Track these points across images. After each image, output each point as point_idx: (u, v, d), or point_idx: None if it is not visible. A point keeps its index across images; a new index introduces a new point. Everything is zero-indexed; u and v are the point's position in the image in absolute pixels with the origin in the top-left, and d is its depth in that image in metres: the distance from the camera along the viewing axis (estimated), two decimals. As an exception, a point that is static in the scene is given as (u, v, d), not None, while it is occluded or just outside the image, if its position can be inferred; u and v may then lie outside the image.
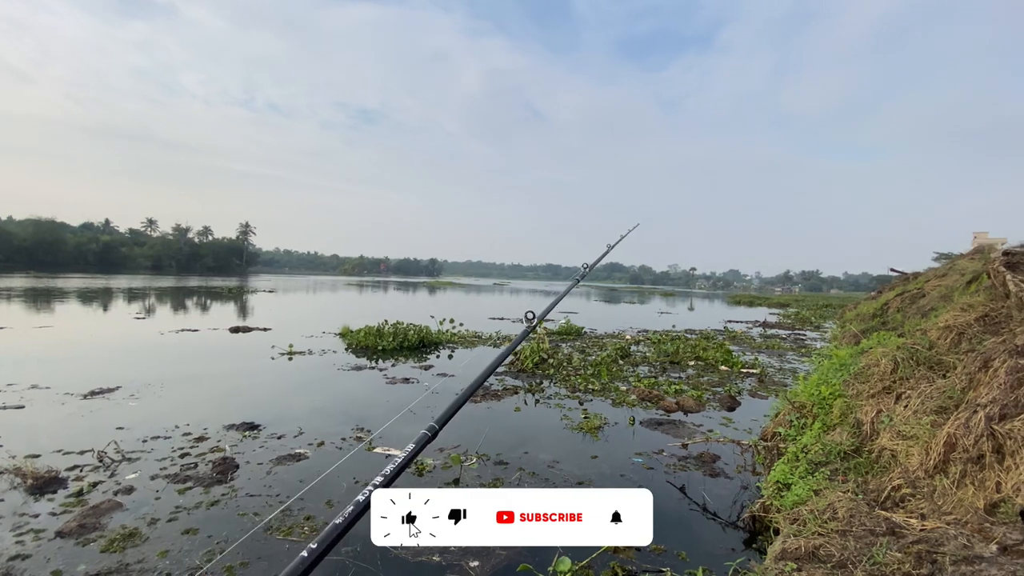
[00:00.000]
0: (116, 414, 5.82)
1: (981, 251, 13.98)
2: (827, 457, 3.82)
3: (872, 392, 4.40)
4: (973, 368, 3.57)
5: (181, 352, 10.47)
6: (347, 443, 5.08)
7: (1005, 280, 4.10)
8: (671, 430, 5.91)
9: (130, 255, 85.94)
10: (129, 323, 15.30)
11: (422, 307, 25.77)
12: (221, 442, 5.00)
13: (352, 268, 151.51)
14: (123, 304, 22.12)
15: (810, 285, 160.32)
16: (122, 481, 4.06)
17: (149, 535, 3.28)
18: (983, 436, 2.85)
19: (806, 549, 2.66)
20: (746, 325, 21.40)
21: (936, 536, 2.44)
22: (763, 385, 8.57)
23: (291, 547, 3.19)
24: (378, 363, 9.70)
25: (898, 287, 16.46)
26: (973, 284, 6.74)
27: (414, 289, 52.90)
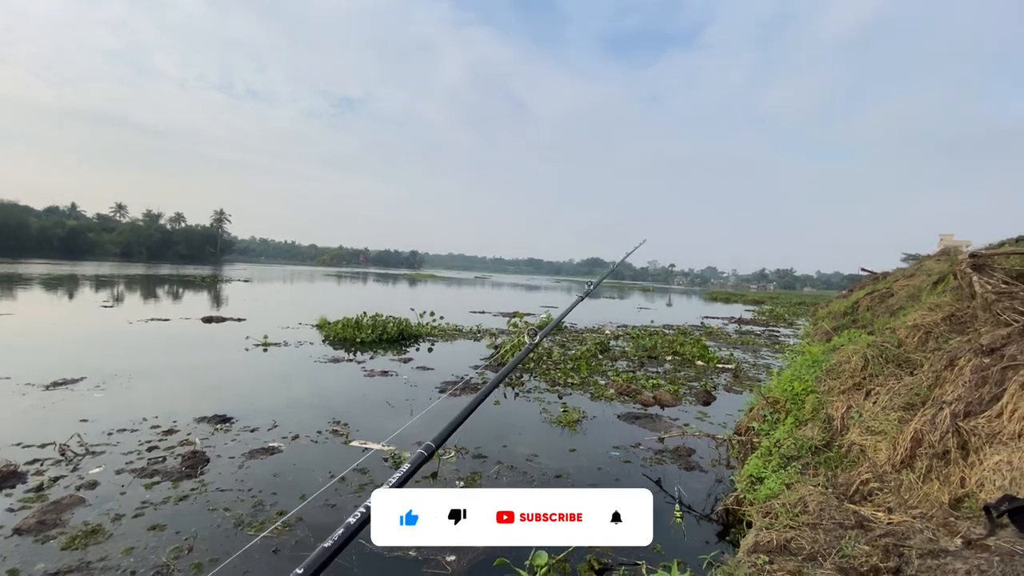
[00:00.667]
0: (80, 406, 5.61)
1: (947, 253, 14.45)
2: (799, 452, 3.90)
3: (843, 388, 4.51)
4: (939, 366, 3.68)
5: (150, 342, 10.16)
6: (323, 437, 5.00)
7: (971, 281, 4.23)
8: (648, 424, 5.97)
9: (98, 241, 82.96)
10: (96, 311, 14.78)
11: (402, 299, 25.56)
12: (191, 435, 4.86)
13: (330, 259, 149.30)
14: (90, 292, 21.37)
15: (784, 283, 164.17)
16: (85, 476, 3.92)
17: (113, 532, 3.17)
18: (948, 432, 2.94)
19: (778, 542, 2.71)
20: (722, 321, 21.78)
21: (903, 529, 2.51)
22: (738, 380, 8.73)
23: (263, 543, 3.12)
24: (356, 355, 9.57)
25: (868, 286, 16.94)
26: (940, 285, 6.96)
27: (394, 281, 52.40)
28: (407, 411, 6.06)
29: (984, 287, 3.98)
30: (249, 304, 19.71)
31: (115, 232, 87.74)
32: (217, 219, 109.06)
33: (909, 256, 25.89)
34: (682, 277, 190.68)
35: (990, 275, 4.15)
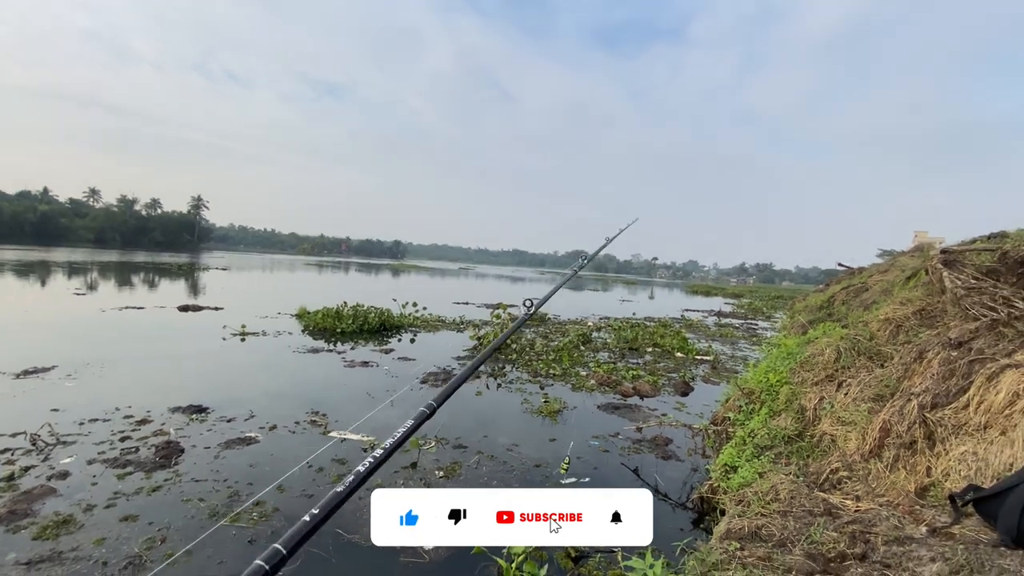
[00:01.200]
0: (51, 395, 5.47)
1: (921, 249, 14.84)
2: (772, 441, 3.98)
3: (816, 380, 4.61)
4: (909, 359, 3.78)
5: (124, 331, 9.93)
6: (301, 427, 4.95)
7: (942, 277, 4.35)
8: (627, 414, 6.04)
9: (70, 227, 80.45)
10: (68, 299, 14.38)
11: (384, 290, 25.36)
12: (165, 425, 4.77)
13: (311, 247, 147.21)
14: (62, 278, 20.77)
15: (764, 277, 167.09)
16: (56, 466, 3.82)
17: (85, 522, 3.10)
18: (916, 423, 3.03)
19: (749, 529, 2.77)
20: (702, 314, 22.09)
21: (870, 517, 2.59)
22: (716, 372, 8.87)
23: (238, 533, 3.08)
24: (336, 346, 9.48)
25: (844, 281, 17.32)
26: (912, 280, 7.15)
27: (376, 271, 51.94)
28: (387, 402, 6.03)
29: (954, 282, 4.09)
30: (227, 293, 19.36)
31: (88, 218, 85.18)
32: (195, 205, 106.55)
33: (884, 252, 26.52)
34: (664, 270, 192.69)
35: (960, 271, 4.27)
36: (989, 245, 5.18)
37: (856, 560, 2.34)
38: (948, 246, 5.35)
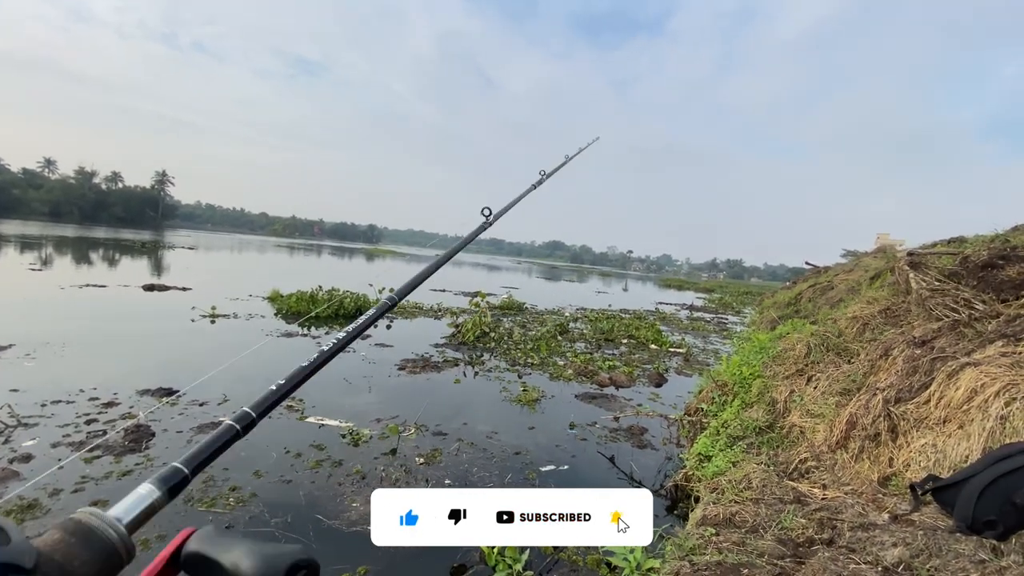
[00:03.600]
0: (9, 375, 5.21)
1: (883, 250, 15.46)
2: (744, 432, 4.13)
3: (787, 374, 4.79)
4: (875, 355, 3.96)
5: (86, 309, 9.52)
6: (277, 412, 4.85)
7: (908, 278, 4.55)
8: (604, 403, 6.15)
9: (23, 198, 76.21)
10: (23, 274, 13.68)
11: (360, 274, 24.98)
12: (134, 408, 4.63)
13: (283, 229, 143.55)
14: (14, 253, 19.75)
15: (733, 273, 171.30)
16: (18, 448, 3.67)
17: (51, 507, 3.00)
18: (880, 416, 3.19)
19: (724, 515, 2.88)
20: (675, 307, 22.53)
21: (836, 504, 2.72)
22: (688, 364, 9.09)
23: (214, 519, 3.03)
24: (311, 330, 9.32)
25: (811, 279, 17.92)
26: (877, 280, 7.45)
27: (351, 255, 51.06)
28: (365, 388, 5.98)
29: (920, 283, 4.29)
30: (194, 273, 18.72)
31: (43, 190, 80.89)
32: (159, 181, 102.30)
33: (848, 252, 27.48)
34: (639, 263, 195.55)
35: (925, 273, 4.47)
36: (950, 249, 5.44)
37: (824, 545, 2.46)
38: (914, 249, 5.59)
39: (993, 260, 4.33)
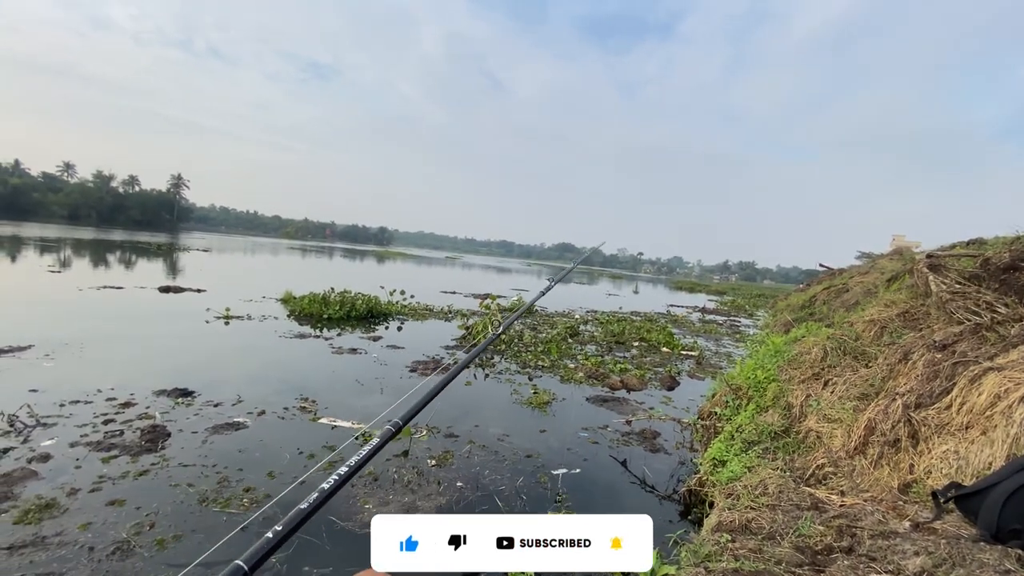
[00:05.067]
0: (29, 375, 5.31)
1: (899, 252, 15.22)
2: (760, 436, 4.07)
3: (803, 378, 4.71)
4: (894, 359, 3.88)
5: (103, 310, 9.68)
6: (290, 413, 4.90)
7: (928, 280, 4.46)
8: (615, 407, 6.11)
9: (43, 201, 77.76)
10: (42, 276, 13.94)
11: (371, 276, 25.13)
12: (150, 408, 4.69)
13: (295, 231, 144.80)
14: (34, 255, 20.14)
15: (746, 275, 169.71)
16: (37, 448, 3.73)
17: (69, 506, 3.04)
18: (900, 422, 3.12)
19: (740, 521, 2.83)
20: (687, 310, 22.37)
21: (855, 512, 2.66)
22: (700, 367, 9.01)
23: (228, 519, 3.06)
24: (323, 332, 9.39)
25: (825, 281, 17.69)
26: (894, 283, 7.32)
27: (362, 257, 51.40)
28: (377, 389, 6.00)
29: (940, 286, 4.21)
30: (209, 275, 18.97)
31: (62, 193, 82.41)
32: (175, 184, 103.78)
33: (863, 254, 27.08)
34: (649, 265, 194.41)
35: (945, 275, 4.39)
36: (970, 251, 5.33)
37: (843, 553, 2.41)
38: (933, 251, 5.49)
39: (1015, 262, 4.24)
